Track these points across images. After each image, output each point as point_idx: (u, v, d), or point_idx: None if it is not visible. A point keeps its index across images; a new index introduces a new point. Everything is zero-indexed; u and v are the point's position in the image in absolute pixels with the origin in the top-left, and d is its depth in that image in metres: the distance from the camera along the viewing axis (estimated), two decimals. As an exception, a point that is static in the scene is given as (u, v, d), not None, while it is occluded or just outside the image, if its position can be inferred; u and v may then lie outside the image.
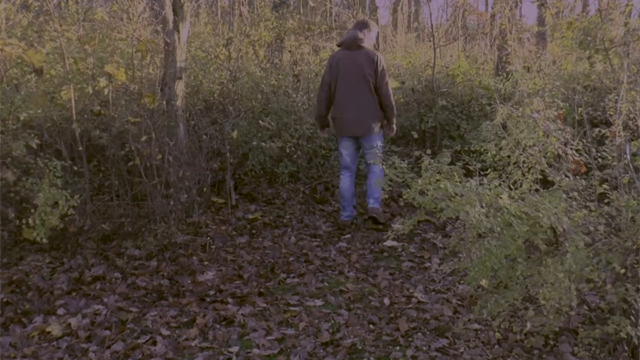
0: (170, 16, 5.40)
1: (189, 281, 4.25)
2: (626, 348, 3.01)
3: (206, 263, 4.61)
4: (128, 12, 6.25)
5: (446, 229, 5.48)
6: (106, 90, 4.83)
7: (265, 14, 8.59)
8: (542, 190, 3.10)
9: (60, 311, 3.75)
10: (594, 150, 3.41)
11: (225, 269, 4.50)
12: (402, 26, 13.91)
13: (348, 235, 5.44)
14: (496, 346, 3.29)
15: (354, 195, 5.69)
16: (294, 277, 4.43)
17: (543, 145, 3.29)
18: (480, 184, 2.92)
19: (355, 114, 5.47)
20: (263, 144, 6.40)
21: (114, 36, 5.86)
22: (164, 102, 5.35)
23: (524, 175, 3.31)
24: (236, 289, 4.14)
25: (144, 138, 4.86)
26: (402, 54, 10.46)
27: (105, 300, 3.91)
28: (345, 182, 5.63)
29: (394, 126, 5.67)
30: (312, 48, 9.37)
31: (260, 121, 6.51)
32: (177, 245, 4.81)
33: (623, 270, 2.86)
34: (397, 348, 3.33)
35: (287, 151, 6.68)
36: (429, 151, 3.26)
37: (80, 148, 4.88)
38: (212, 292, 4.08)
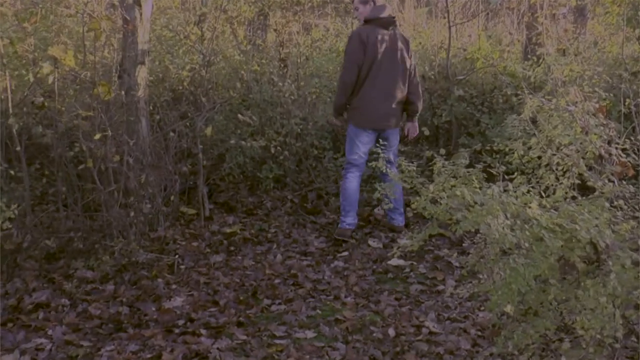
0: (130, -13, 5.41)
1: (154, 308, 4.24)
2: (681, 388, 3.02)
3: (174, 287, 4.60)
4: (78, -17, 6.25)
5: (463, 244, 5.49)
6: (51, 78, 4.82)
7: (245, -16, 8.61)
8: (580, 197, 3.11)
9: (-5, 346, 3.73)
10: (644, 149, 3.42)
11: (197, 294, 4.49)
12: None
13: (345, 253, 5.44)
14: (525, 386, 3.30)
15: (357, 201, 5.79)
16: (280, 304, 4.43)
17: (581, 144, 3.30)
18: (505, 191, 2.93)
19: (388, 105, 5.68)
20: (243, 142, 6.40)
21: (61, 12, 5.85)
22: (123, 93, 5.35)
23: (557, 180, 3.32)
24: (210, 318, 4.13)
25: (97, 136, 4.85)
26: (410, 33, 10.48)
27: (50, 332, 3.90)
28: (354, 182, 5.75)
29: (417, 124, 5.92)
30: (302, 26, 9.38)
31: (239, 115, 6.51)
32: (138, 265, 4.80)
33: (678, 294, 2.87)
34: (405, 389, 3.33)
35: (272, 151, 6.69)
36: (442, 151, 3.28)
37: (18, 148, 4.86)
38: (181, 322, 4.07)
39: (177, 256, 5.05)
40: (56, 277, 4.60)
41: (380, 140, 4.97)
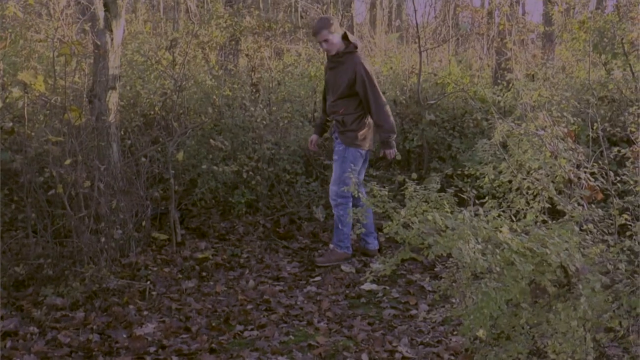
0: (100, 12, 5.40)
1: (125, 336, 4.20)
2: (652, 410, 3.04)
3: (146, 313, 4.57)
4: (48, 7, 6.24)
5: (435, 269, 5.52)
6: (20, 103, 4.80)
7: (217, 9, 8.63)
8: (550, 222, 3.14)
9: (-38, 376, 3.67)
10: (612, 173, 3.47)
11: (169, 320, 4.46)
12: (382, 24, 14.10)
13: (318, 278, 5.44)
14: (498, 411, 3.31)
15: None
16: (252, 330, 4.41)
17: (551, 168, 3.34)
18: (476, 215, 2.95)
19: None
20: (215, 167, 6.39)
21: (30, 36, 5.84)
22: (93, 118, 5.33)
23: (528, 204, 3.35)
24: (182, 345, 4.10)
25: (68, 161, 4.82)
26: (381, 58, 10.58)
27: (19, 361, 3.84)
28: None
29: None
30: (273, 51, 9.43)
31: (211, 140, 6.51)
32: (109, 291, 4.75)
33: (648, 317, 2.91)
34: (379, 415, 3.32)
35: (244, 176, 6.68)
36: (414, 175, 3.30)
37: (-11, 173, 4.83)
38: (152, 349, 4.04)
39: (148, 282, 5.01)
40: (25, 304, 4.54)
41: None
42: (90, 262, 4.87)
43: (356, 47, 5.70)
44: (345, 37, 5.69)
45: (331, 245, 5.86)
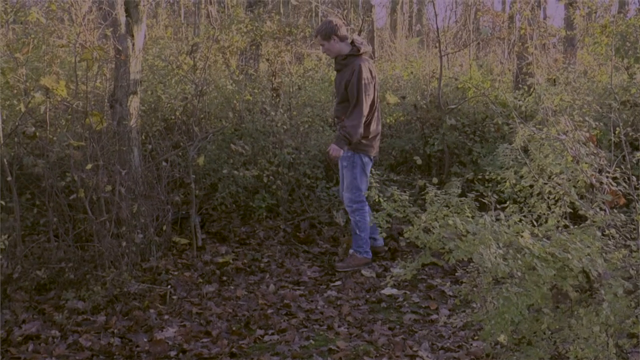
0: (122, 17, 5.45)
1: (145, 339, 4.22)
2: (676, 418, 3.01)
3: (166, 317, 4.58)
4: (70, 13, 6.29)
5: (456, 273, 5.49)
6: (42, 108, 4.84)
7: (237, 14, 8.66)
8: (571, 226, 3.12)
9: (-15, 379, 3.71)
10: (634, 178, 3.44)
11: (189, 324, 4.47)
12: (402, 29, 14.08)
13: (338, 282, 5.44)
14: (519, 417, 3.29)
15: None
16: (273, 334, 4.42)
17: (572, 172, 3.32)
18: (497, 220, 2.94)
19: (380, 134, 5.99)
20: (235, 172, 6.41)
21: (53, 42, 5.88)
22: (115, 122, 5.36)
23: (549, 208, 3.33)
24: (203, 349, 4.12)
25: (89, 166, 4.86)
26: (402, 63, 10.57)
27: (41, 364, 3.87)
28: (368, 215, 5.81)
29: None
30: (294, 56, 9.44)
31: (232, 145, 6.53)
32: (130, 295, 4.78)
33: (671, 323, 2.88)
34: (399, 420, 3.32)
35: (265, 181, 6.70)
36: (435, 180, 3.29)
37: (10, 178, 4.86)
38: (173, 353, 4.05)
39: (169, 286, 5.03)
40: (46, 308, 4.57)
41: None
42: (111, 266, 4.90)
43: (359, 50, 5.70)
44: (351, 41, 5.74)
45: (351, 251, 5.84)
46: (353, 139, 5.58)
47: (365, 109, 5.60)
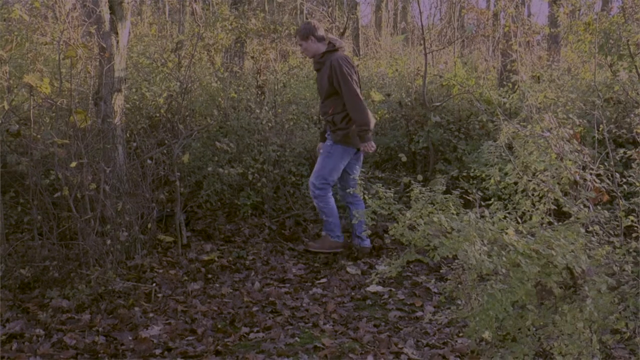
0: (106, 15, 5.42)
1: (130, 338, 4.20)
2: (659, 413, 3.03)
3: (151, 315, 4.57)
4: (54, 10, 6.25)
5: (441, 270, 5.51)
6: (26, 106, 4.81)
7: (222, 12, 8.65)
8: (556, 223, 3.13)
9: (-31, 378, 3.68)
10: (618, 175, 3.46)
11: (174, 322, 4.46)
12: (387, 27, 14.09)
13: (324, 280, 5.44)
14: (504, 413, 3.30)
15: None
16: (258, 332, 4.41)
17: (556, 169, 3.34)
18: (482, 217, 2.95)
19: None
20: (220, 169, 6.40)
21: (36, 39, 5.84)
22: (99, 120, 5.34)
23: (534, 205, 3.35)
24: (188, 347, 4.10)
25: (73, 164, 4.83)
26: (387, 60, 10.58)
27: (25, 363, 3.85)
28: (332, 200, 5.92)
29: None
30: (279, 53, 9.43)
31: (216, 142, 6.51)
32: (115, 293, 4.76)
33: (654, 319, 2.90)
34: (385, 417, 3.32)
35: (250, 178, 6.68)
36: (419, 177, 3.29)
37: (-5, 176, 4.84)
38: (158, 351, 4.04)
39: (154, 284, 5.01)
40: (31, 306, 4.54)
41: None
42: (95, 265, 4.88)
43: (334, 46, 5.83)
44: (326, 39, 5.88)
45: (323, 233, 5.96)
46: (370, 126, 5.70)
47: (360, 94, 5.69)
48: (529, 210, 3.33)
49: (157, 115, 6.76)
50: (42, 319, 4.35)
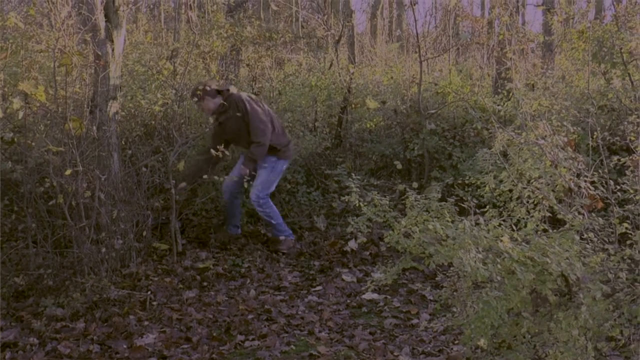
0: (101, 22, 5.41)
1: (125, 346, 4.19)
2: (655, 420, 3.03)
3: (146, 323, 4.55)
4: (49, 17, 6.25)
5: (437, 278, 5.50)
6: (21, 113, 4.80)
7: (218, 19, 8.65)
8: (550, 230, 3.13)
9: (-38, 387, 3.66)
10: (612, 182, 3.47)
11: (169, 331, 4.44)
12: (383, 34, 14.11)
13: (319, 287, 5.43)
14: (500, 421, 3.30)
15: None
16: (253, 340, 4.40)
17: (551, 177, 3.34)
18: (477, 224, 2.95)
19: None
20: (216, 177, 6.38)
21: (31, 47, 5.84)
22: (94, 128, 5.32)
23: (528, 213, 3.35)
24: (183, 355, 4.09)
25: (68, 171, 4.82)
26: (382, 68, 10.59)
27: (19, 372, 3.84)
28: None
29: None
30: (274, 61, 9.44)
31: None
32: (110, 301, 4.74)
33: (649, 326, 2.90)
34: None
35: (245, 186, 6.67)
36: (415, 184, 3.30)
37: (-11, 184, 4.83)
38: (153, 359, 4.03)
39: (149, 292, 4.99)
40: (25, 315, 4.52)
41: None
42: (90, 273, 4.86)
43: (229, 90, 6.28)
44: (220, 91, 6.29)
45: (282, 237, 6.32)
46: (259, 158, 6.24)
47: (266, 127, 6.18)
48: (523, 218, 3.33)
49: (153, 122, 6.75)
50: (36, 328, 4.33)
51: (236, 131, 6.23)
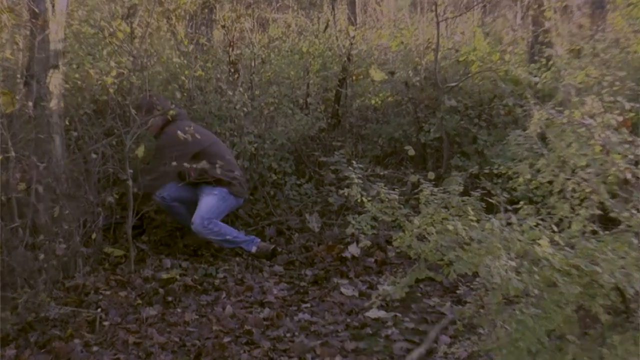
0: (39, -29, 5.38)
1: (68, 378, 4.17)
2: None
3: (95, 349, 4.54)
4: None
5: (458, 291, 5.48)
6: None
7: (185, -33, 8.65)
8: (601, 232, 3.11)
9: None
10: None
11: (124, 357, 4.43)
12: (391, -10, 14.08)
13: (312, 303, 5.42)
14: None
15: None
16: (229, 369, 4.39)
17: (601, 165, 3.31)
18: (508, 224, 2.92)
19: None
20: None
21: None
22: (30, 104, 5.29)
23: (573, 210, 3.32)
24: (140, 389, 4.08)
25: (-2, 158, 4.80)
26: (390, 30, 10.57)
27: None
28: None
29: None
30: (256, 22, 9.41)
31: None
32: (49, 322, 4.73)
33: None
34: None
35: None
36: (431, 175, 3.27)
37: None
38: (103, 394, 4.01)
39: (99, 310, 4.98)
40: (-60, 339, 4.51)
41: None
42: (24, 285, 4.83)
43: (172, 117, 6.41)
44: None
45: (253, 249, 6.37)
46: (152, 191, 6.41)
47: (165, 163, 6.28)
48: (567, 216, 3.30)
49: (105, 98, 6.71)
50: (-45, 355, 4.31)
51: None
